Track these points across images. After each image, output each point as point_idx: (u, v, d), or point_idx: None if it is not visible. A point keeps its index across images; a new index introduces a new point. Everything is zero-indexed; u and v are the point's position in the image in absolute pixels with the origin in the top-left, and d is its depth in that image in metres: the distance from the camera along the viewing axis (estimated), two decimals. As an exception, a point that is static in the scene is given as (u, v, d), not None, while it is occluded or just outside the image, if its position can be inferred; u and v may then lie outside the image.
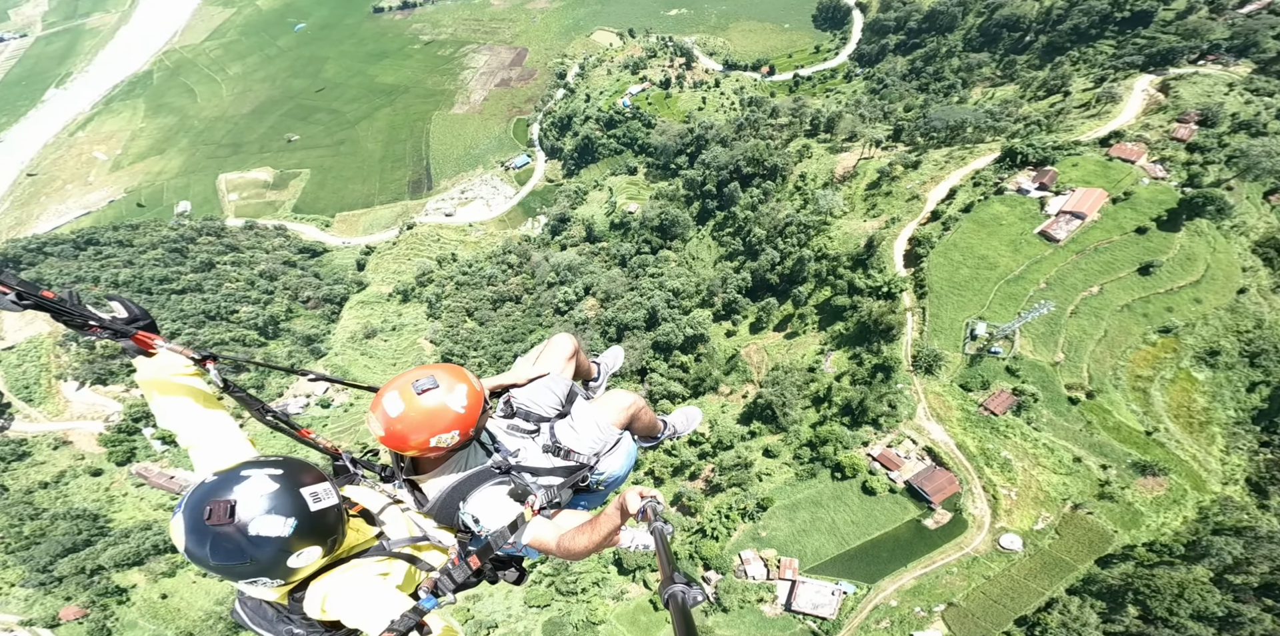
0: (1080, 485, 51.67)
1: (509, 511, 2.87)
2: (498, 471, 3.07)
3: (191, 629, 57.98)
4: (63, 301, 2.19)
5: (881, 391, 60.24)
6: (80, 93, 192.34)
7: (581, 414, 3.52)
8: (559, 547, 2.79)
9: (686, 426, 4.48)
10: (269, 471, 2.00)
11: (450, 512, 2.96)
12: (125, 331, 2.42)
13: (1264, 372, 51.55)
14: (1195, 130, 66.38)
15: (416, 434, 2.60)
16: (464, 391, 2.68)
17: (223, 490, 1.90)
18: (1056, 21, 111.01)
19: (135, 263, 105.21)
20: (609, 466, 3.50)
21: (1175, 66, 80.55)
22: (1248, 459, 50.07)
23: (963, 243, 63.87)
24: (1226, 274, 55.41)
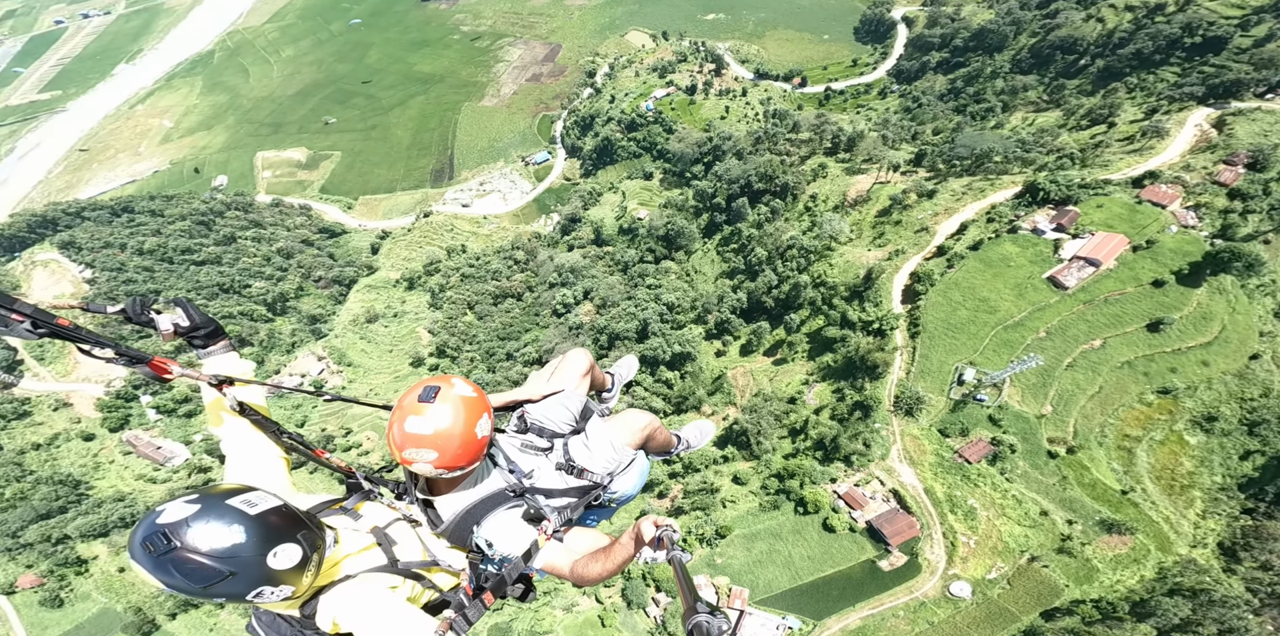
0: (1041, 538, 50.46)
1: (523, 537, 2.86)
2: (512, 494, 3.02)
3: (142, 604, 58.43)
4: (77, 329, 2.18)
5: (857, 429, 58.31)
6: (147, 69, 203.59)
7: (596, 433, 3.45)
8: (572, 574, 2.81)
9: (700, 440, 4.47)
10: (184, 498, 2.00)
11: (464, 535, 2.91)
12: (140, 357, 2.43)
13: (1261, 442, 48.97)
14: (1242, 174, 61.08)
15: (460, 434, 2.54)
16: (459, 382, 2.67)
17: (147, 525, 1.91)
18: (1117, 45, 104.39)
19: (163, 232, 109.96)
20: (622, 486, 3.47)
21: (1239, 100, 74.15)
22: (1225, 524, 48.39)
23: (965, 282, 60.82)
24: (1242, 337, 51.31)
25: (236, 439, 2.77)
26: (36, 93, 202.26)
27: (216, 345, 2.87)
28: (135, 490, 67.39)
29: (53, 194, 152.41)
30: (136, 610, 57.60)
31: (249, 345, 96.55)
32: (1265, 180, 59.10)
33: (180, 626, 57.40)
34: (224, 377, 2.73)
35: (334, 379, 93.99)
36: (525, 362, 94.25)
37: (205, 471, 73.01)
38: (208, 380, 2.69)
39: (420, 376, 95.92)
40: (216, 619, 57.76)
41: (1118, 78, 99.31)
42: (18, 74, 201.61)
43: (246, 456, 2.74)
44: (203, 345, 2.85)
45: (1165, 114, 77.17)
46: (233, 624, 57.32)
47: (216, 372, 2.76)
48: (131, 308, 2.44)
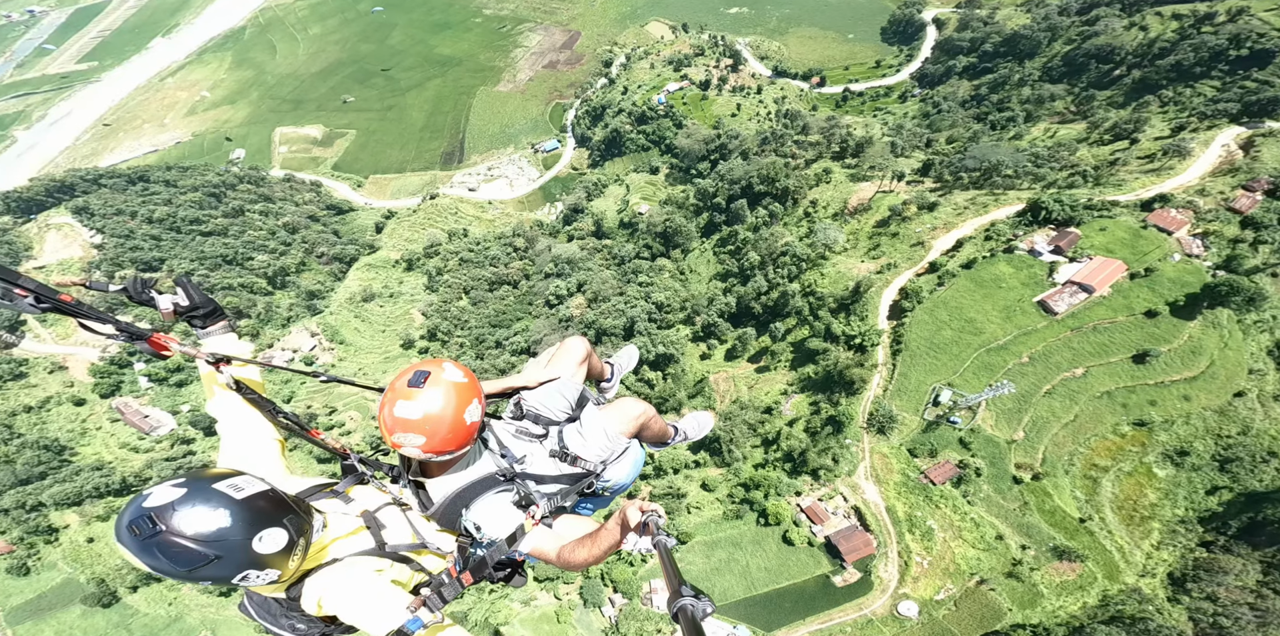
0: (994, 562, 50.23)
1: (511, 521, 2.87)
2: (502, 478, 3.03)
3: (105, 576, 58.65)
4: (79, 305, 2.24)
5: (828, 444, 57.62)
6: (181, 43, 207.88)
7: (591, 421, 3.44)
8: (559, 559, 2.80)
9: (698, 432, 4.47)
10: (171, 482, 2.04)
11: (453, 518, 2.94)
12: (140, 334, 2.47)
13: (1231, 478, 47.95)
14: (1259, 201, 57.86)
15: (449, 419, 2.54)
16: (450, 366, 2.67)
17: (134, 509, 1.94)
18: (1157, 56, 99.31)
19: (174, 202, 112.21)
20: (615, 474, 3.45)
21: (1275, 119, 70.00)
22: (1179, 555, 47.87)
23: (954, 301, 59.16)
24: (1230, 373, 49.41)
25: (231, 419, 2.76)
26: (74, 63, 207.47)
27: (215, 325, 2.86)
28: (116, 459, 68.77)
29: (78, 160, 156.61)
30: (99, 582, 58.05)
31: (246, 317, 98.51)
32: (1284, 209, 55.98)
33: (140, 599, 58.49)
34: (221, 356, 2.73)
35: (325, 356, 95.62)
36: (513, 352, 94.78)
37: (188, 442, 75.03)
38: (205, 357, 2.69)
39: (410, 359, 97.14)
40: (177, 592, 59.10)
41: (1153, 90, 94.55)
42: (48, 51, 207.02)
43: (240, 437, 2.74)
44: (202, 325, 2.84)
45: (1193, 132, 73.24)
46: (193, 599, 58.79)
47: (214, 351, 2.76)
48: (132, 286, 2.45)
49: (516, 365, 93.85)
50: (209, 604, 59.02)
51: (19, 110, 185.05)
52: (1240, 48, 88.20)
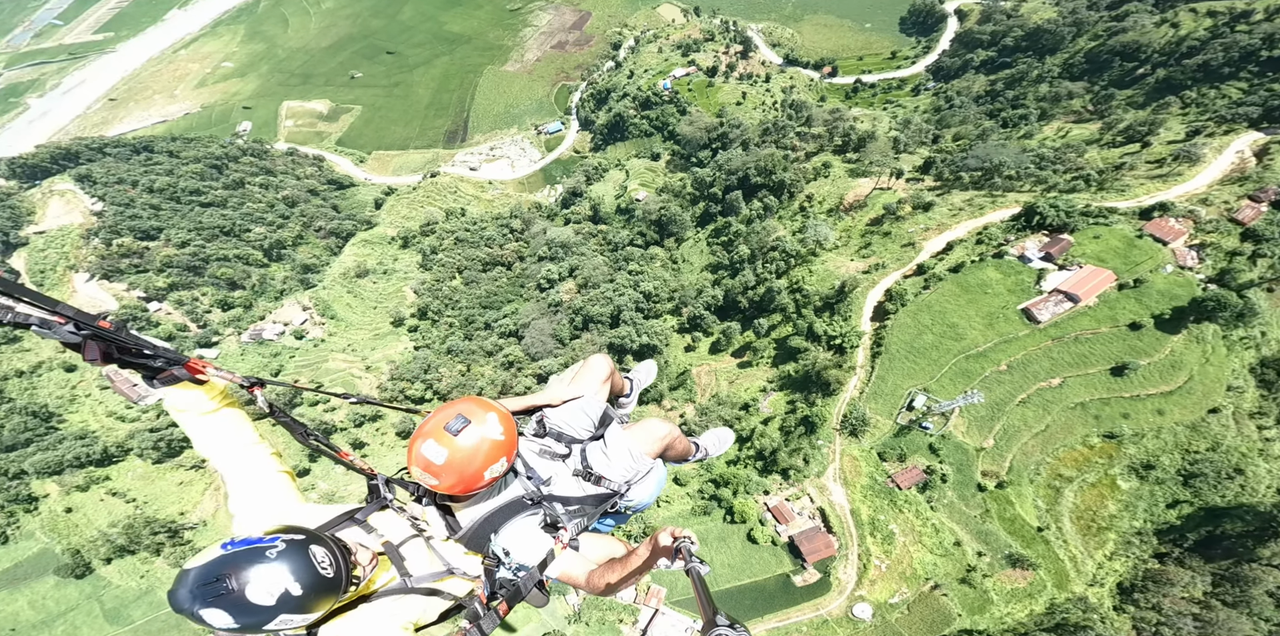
0: (949, 567, 50.29)
1: (540, 546, 2.89)
2: (530, 502, 3.06)
3: (81, 547, 58.97)
4: (118, 330, 2.25)
5: (799, 445, 57.42)
6: (197, 15, 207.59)
7: (615, 441, 3.47)
8: (588, 583, 2.84)
9: (718, 448, 4.52)
10: (274, 547, 2.09)
11: (481, 543, 2.95)
12: (177, 359, 2.49)
13: (1193, 493, 47.63)
14: (1263, 212, 55.52)
15: (469, 472, 2.60)
16: (495, 419, 2.67)
17: (202, 571, 2.00)
18: (1185, 55, 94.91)
19: (175, 172, 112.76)
20: (639, 494, 3.48)
21: None
22: (1132, 566, 47.96)
23: (938, 305, 58.01)
24: (1207, 389, 48.30)
25: (232, 458, 2.70)
26: (91, 34, 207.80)
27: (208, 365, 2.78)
28: (102, 427, 70.03)
29: (88, 129, 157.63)
30: (74, 552, 58.45)
31: (240, 289, 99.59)
32: (1289, 222, 53.72)
33: (114, 571, 59.35)
34: (255, 379, 2.68)
35: (315, 330, 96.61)
36: (502, 334, 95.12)
37: (177, 409, 76.61)
38: (240, 381, 2.66)
39: (400, 337, 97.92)
40: (150, 566, 60.45)
41: (1176, 91, 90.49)
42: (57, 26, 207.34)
43: (248, 475, 2.68)
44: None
45: (1209, 136, 70.15)
46: (165, 572, 60.15)
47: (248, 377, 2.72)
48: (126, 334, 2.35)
49: (503, 346, 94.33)
50: None
51: (34, 78, 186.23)
52: (1274, 48, 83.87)
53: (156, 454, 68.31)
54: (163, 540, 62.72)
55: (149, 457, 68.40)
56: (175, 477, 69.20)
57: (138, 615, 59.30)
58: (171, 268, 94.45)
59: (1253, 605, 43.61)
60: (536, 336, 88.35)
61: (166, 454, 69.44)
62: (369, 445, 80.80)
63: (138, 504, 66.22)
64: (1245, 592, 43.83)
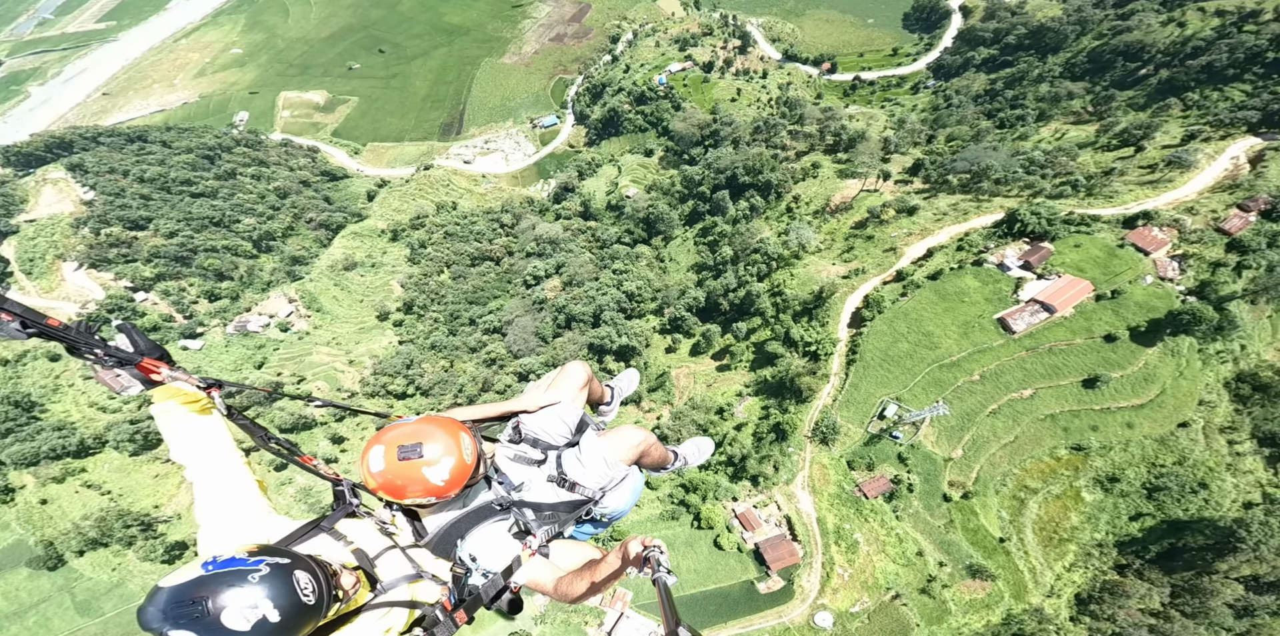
0: (911, 577, 50.10)
1: (506, 552, 2.85)
2: (499, 508, 3.03)
3: (55, 538, 58.99)
4: (67, 329, 2.24)
5: (770, 452, 57.00)
6: (199, 4, 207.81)
7: (590, 448, 3.43)
8: (556, 591, 2.81)
9: (698, 458, 4.50)
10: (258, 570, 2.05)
11: (448, 548, 2.91)
12: (130, 359, 2.44)
13: (1157, 507, 47.30)
14: (1251, 222, 53.93)
15: (394, 491, 2.60)
16: (446, 466, 2.59)
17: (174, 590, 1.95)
18: (1189, 55, 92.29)
19: (167, 163, 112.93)
20: (614, 502, 3.46)
21: None
22: (1091, 577, 47.61)
23: (914, 313, 57.11)
24: (1179, 403, 47.39)
25: (202, 465, 2.63)
26: (94, 22, 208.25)
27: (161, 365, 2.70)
28: (82, 419, 70.37)
29: (87, 117, 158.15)
30: (48, 544, 58.63)
31: (227, 279, 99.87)
32: (1276, 232, 52.18)
33: (86, 563, 59.64)
34: (212, 380, 2.66)
35: (301, 323, 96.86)
36: (486, 330, 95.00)
37: (157, 401, 77.05)
38: (195, 383, 2.62)
39: (384, 330, 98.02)
40: (121, 559, 60.91)
41: (1178, 93, 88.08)
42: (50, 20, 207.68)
43: (217, 483, 2.62)
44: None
45: (1204, 141, 68.20)
46: (136, 565, 60.63)
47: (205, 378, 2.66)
48: (78, 331, 2.33)
49: (487, 343, 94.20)
50: (151, 570, 61.18)
51: (35, 67, 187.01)
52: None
53: (133, 446, 68.82)
54: (135, 533, 63.26)
55: (125, 450, 68.92)
56: (151, 470, 69.74)
57: (109, 607, 59.98)
58: (159, 258, 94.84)
59: (1211, 616, 43.58)
60: (519, 334, 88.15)
61: (144, 446, 69.94)
62: (349, 440, 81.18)
63: (112, 496, 66.84)
64: (1204, 604, 43.58)
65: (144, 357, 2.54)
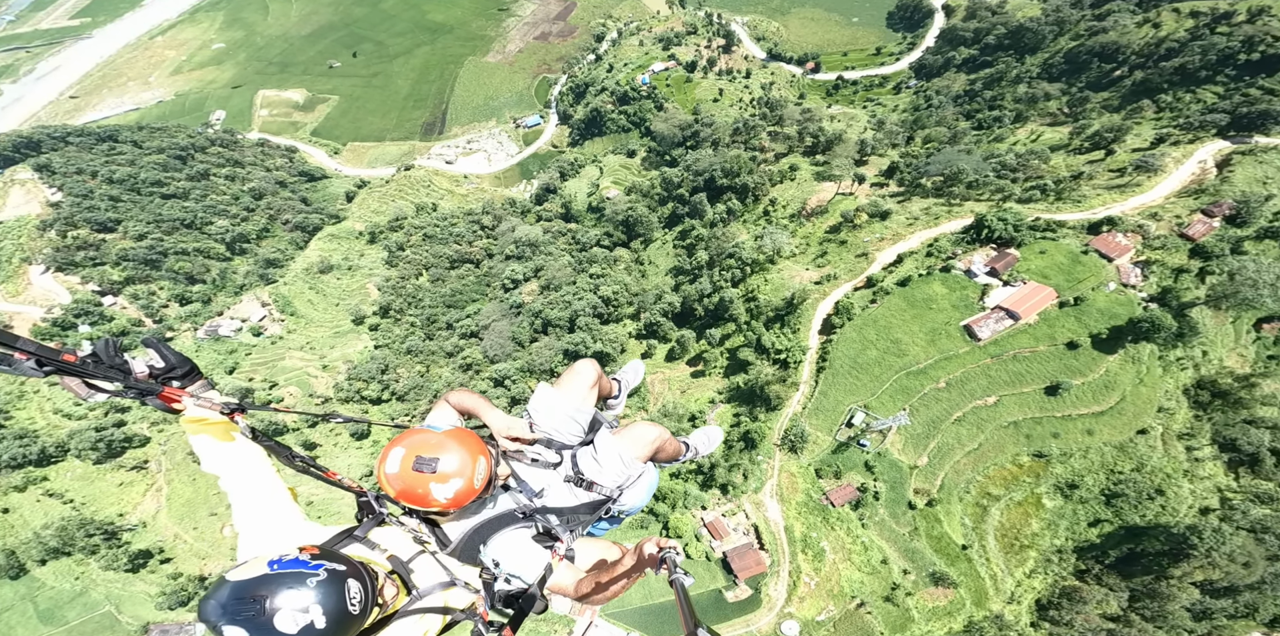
0: (876, 585, 50.18)
1: (537, 561, 2.87)
2: (521, 516, 3.05)
3: (16, 547, 58.63)
4: (84, 364, 2.21)
5: (739, 460, 56.74)
6: (175, 0, 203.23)
7: (606, 447, 3.46)
8: (577, 593, 2.86)
9: (708, 447, 4.53)
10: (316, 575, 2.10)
11: (473, 554, 2.92)
12: (150, 389, 2.43)
13: (1115, 513, 47.63)
14: (1215, 228, 54.02)
15: (405, 496, 2.64)
16: (454, 487, 2.62)
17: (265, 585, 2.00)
18: (1163, 57, 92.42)
19: (137, 163, 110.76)
20: (631, 499, 3.50)
21: (1264, 134, 64.31)
22: (1051, 582, 47.91)
23: (883, 320, 56.91)
24: (1138, 410, 47.65)
25: (237, 475, 2.67)
26: (68, 19, 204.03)
27: (195, 384, 2.69)
28: (47, 426, 69.23)
29: (60, 116, 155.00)
30: (9, 553, 58.20)
31: (199, 282, 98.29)
32: (1239, 237, 52.31)
33: (48, 572, 59.11)
34: (236, 405, 2.68)
35: (274, 327, 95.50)
36: (463, 335, 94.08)
37: (123, 411, 75.71)
38: (220, 408, 2.63)
39: (360, 334, 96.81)
40: (85, 567, 60.11)
41: (1152, 94, 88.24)
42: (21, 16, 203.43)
43: (253, 493, 2.65)
44: (180, 385, 2.66)
45: (1174, 144, 68.25)
46: (99, 574, 59.75)
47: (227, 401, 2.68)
48: (105, 351, 2.32)
49: (464, 347, 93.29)
50: (114, 579, 60.30)
51: (7, 64, 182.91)
52: (1252, 52, 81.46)
53: (96, 454, 67.64)
54: (98, 542, 62.29)
55: (88, 458, 67.72)
56: (115, 478, 68.62)
57: (72, 616, 59.21)
58: (128, 260, 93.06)
59: (1170, 619, 44.10)
60: (495, 339, 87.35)
61: (107, 454, 68.78)
62: (321, 446, 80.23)
63: (75, 505, 65.70)
64: (1163, 608, 44.01)
65: (180, 375, 2.54)
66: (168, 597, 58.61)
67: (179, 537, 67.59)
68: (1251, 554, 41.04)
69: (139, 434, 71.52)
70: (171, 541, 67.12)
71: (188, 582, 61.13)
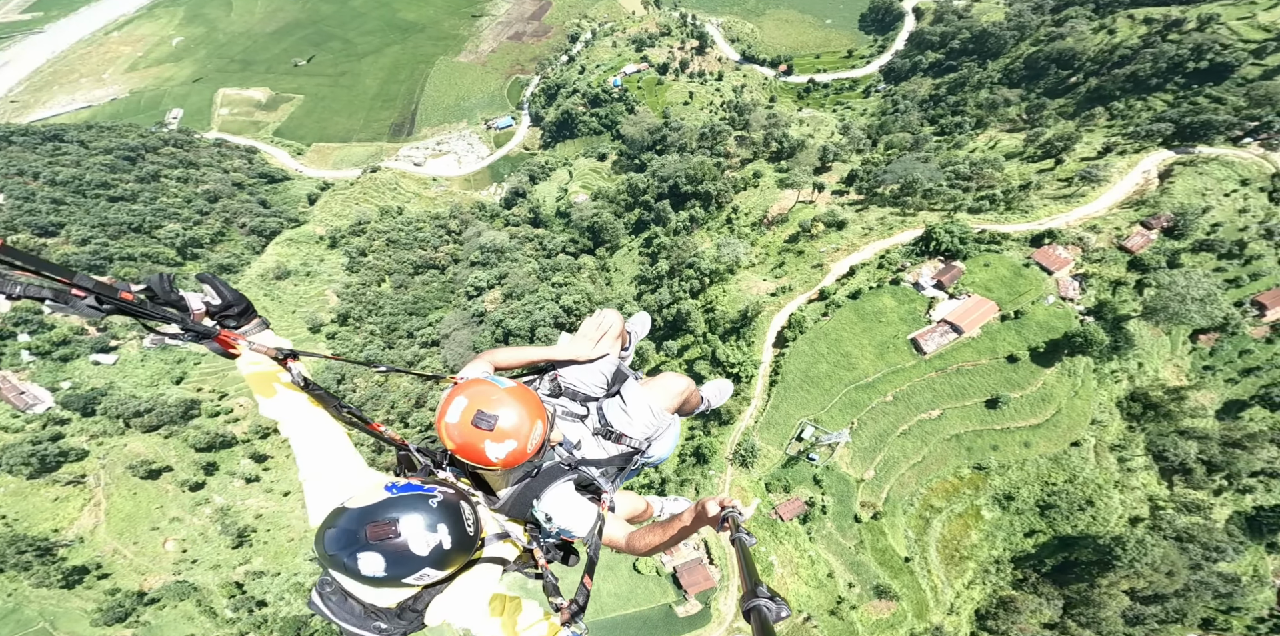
0: (822, 599, 50.65)
1: (588, 512, 2.89)
2: (566, 468, 3.03)
3: None
4: (143, 304, 2.12)
5: (690, 476, 56.41)
6: None
7: (635, 398, 3.44)
8: (627, 545, 2.88)
9: (719, 399, 4.53)
10: (434, 496, 2.10)
11: (524, 509, 2.89)
12: (208, 333, 2.33)
13: (1049, 524, 48.65)
14: (1152, 240, 54.93)
15: (460, 450, 2.58)
16: (507, 448, 2.54)
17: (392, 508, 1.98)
18: (1116, 64, 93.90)
19: (82, 164, 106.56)
20: (658, 450, 3.51)
21: (1208, 144, 65.42)
22: (990, 593, 48.72)
23: (834, 333, 56.91)
24: (1073, 423, 48.56)
25: (298, 419, 2.63)
26: (19, 13, 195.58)
27: (250, 323, 2.61)
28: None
29: (8, 114, 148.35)
30: None
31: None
32: (1175, 250, 53.28)
33: None
34: (289, 351, 2.57)
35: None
36: (423, 344, 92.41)
37: (62, 423, 72.97)
38: (274, 354, 2.52)
39: (316, 343, 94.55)
40: (18, 584, 58.32)
41: (1106, 101, 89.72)
42: None
43: (314, 436, 2.60)
44: (235, 325, 2.58)
45: (1120, 154, 69.28)
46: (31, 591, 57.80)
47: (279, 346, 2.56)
48: (159, 286, 2.20)
49: (424, 356, 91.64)
50: (49, 596, 58.37)
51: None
52: (1200, 60, 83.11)
53: (29, 469, 65.17)
54: (31, 559, 60.23)
55: (21, 473, 65.17)
56: (50, 493, 66.20)
57: (5, 632, 57.47)
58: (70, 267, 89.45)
59: (1105, 625, 45.20)
60: (455, 349, 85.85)
61: (41, 469, 66.24)
62: (273, 458, 78.28)
63: (7, 521, 63.28)
64: (1097, 614, 44.96)
65: (236, 313, 2.45)
66: (104, 614, 57.36)
67: (118, 552, 65.54)
68: (1175, 563, 41.98)
69: (76, 448, 68.96)
70: (110, 556, 65.08)
71: (124, 598, 59.56)
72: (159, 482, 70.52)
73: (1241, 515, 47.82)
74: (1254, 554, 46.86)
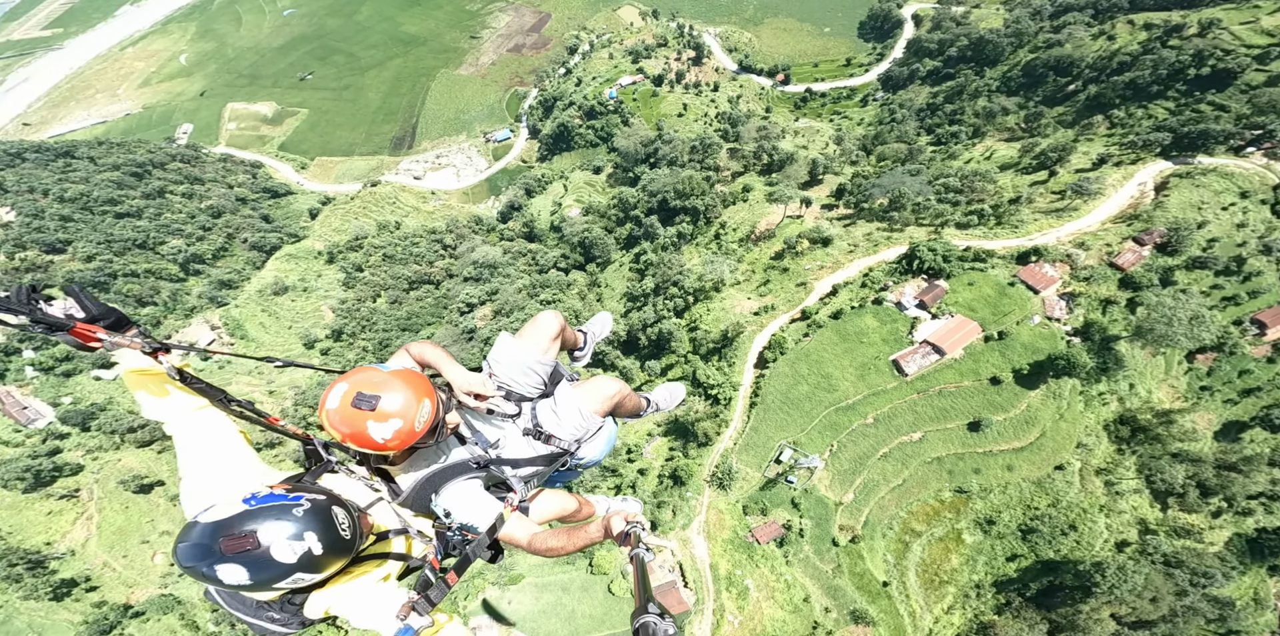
0: (798, 624, 49.37)
1: (489, 510, 2.85)
2: (475, 466, 3.02)
3: None
4: (6, 298, 2.09)
5: (669, 497, 55.75)
6: (149, 11, 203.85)
7: (565, 400, 3.45)
8: (529, 546, 2.84)
9: (669, 403, 4.49)
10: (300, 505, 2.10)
11: (424, 503, 2.91)
12: (62, 324, 2.24)
13: (1030, 548, 47.18)
14: (1144, 257, 53.06)
15: (345, 436, 2.53)
16: (392, 427, 2.50)
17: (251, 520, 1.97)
18: (1115, 71, 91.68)
19: (91, 180, 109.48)
20: (589, 452, 3.51)
21: (1208, 154, 63.15)
22: (970, 617, 47.27)
23: (815, 354, 55.97)
24: (1057, 446, 47.02)
25: (182, 418, 2.53)
26: (40, 30, 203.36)
27: (125, 335, 2.46)
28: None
29: (25, 130, 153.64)
30: None
31: (149, 305, 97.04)
32: (1169, 267, 51.44)
33: None
34: (158, 344, 2.50)
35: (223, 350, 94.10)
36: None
37: (61, 438, 74.49)
38: (140, 347, 2.43)
39: (310, 359, 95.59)
40: (7, 596, 58.85)
41: (1106, 109, 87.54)
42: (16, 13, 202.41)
43: (201, 436, 2.52)
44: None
45: (1116, 164, 67.28)
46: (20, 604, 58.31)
47: (148, 340, 2.47)
48: (16, 296, 2.09)
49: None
50: (38, 608, 59.20)
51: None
52: (1202, 66, 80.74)
53: (24, 484, 66.64)
54: (22, 571, 61.38)
55: (16, 487, 66.65)
56: (44, 507, 67.58)
57: None
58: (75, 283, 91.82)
59: None
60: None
61: (36, 483, 67.70)
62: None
63: (0, 534, 64.64)
64: None
65: (78, 323, 2.25)
66: (89, 627, 58.11)
67: (108, 565, 66.56)
68: (1159, 588, 40.23)
69: (71, 462, 70.35)
70: (100, 569, 66.09)
71: (110, 611, 60.40)
72: (150, 497, 71.53)
73: (1242, 537, 45.86)
74: (1254, 576, 44.84)
